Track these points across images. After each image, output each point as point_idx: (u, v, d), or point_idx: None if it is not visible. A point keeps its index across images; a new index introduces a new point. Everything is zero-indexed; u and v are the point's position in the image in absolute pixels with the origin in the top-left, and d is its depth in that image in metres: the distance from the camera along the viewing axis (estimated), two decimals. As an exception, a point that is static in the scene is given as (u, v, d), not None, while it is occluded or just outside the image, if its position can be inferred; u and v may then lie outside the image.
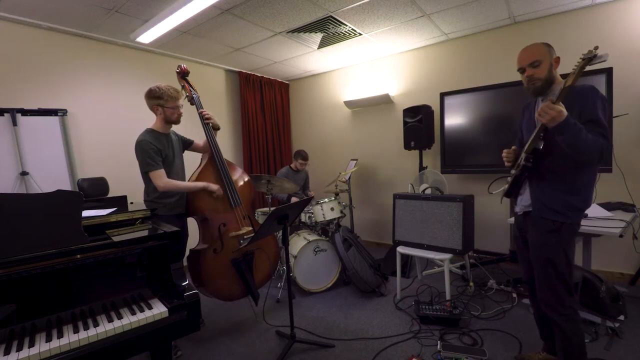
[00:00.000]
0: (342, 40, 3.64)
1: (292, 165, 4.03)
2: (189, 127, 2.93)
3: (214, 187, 2.25)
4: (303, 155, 3.95)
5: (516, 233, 1.88)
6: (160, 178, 2.11)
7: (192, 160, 2.69)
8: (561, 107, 1.36)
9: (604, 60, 1.39)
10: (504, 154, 1.78)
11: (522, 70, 1.61)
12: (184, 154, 2.44)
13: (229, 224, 2.31)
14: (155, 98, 2.14)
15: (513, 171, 1.74)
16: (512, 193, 1.78)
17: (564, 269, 1.57)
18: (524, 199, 1.72)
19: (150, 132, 2.17)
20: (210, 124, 2.39)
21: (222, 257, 2.24)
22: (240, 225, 2.34)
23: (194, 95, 2.37)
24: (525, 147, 1.59)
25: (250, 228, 2.35)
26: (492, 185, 2.34)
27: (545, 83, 1.56)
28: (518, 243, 1.88)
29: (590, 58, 1.36)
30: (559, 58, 1.58)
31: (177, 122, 2.25)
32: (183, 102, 2.27)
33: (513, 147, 1.78)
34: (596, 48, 1.36)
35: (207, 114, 2.38)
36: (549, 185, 1.59)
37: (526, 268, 1.82)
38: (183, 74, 2.40)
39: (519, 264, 1.92)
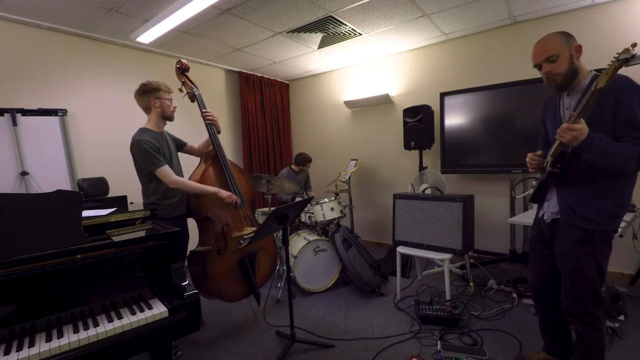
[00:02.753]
0: (342, 40, 3.64)
1: (293, 167, 4.04)
2: (189, 127, 2.93)
3: (225, 193, 2.19)
4: (309, 159, 4.00)
5: (534, 237, 1.74)
6: (169, 175, 2.05)
7: (187, 159, 2.69)
8: (582, 125, 1.24)
9: None
10: (528, 159, 1.60)
11: (538, 66, 1.46)
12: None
13: (232, 224, 2.30)
14: (152, 90, 2.10)
15: (539, 175, 1.59)
16: (538, 198, 1.64)
17: (595, 280, 1.44)
18: (552, 205, 1.56)
19: (145, 130, 2.11)
20: (214, 127, 2.31)
21: (226, 257, 2.23)
22: (243, 225, 2.33)
23: (195, 92, 2.29)
24: (552, 150, 1.43)
25: (254, 228, 2.32)
26: (515, 187, 2.25)
27: (566, 77, 1.40)
28: (533, 248, 1.74)
29: (627, 59, 1.14)
30: (580, 46, 1.40)
31: (172, 117, 2.21)
32: (183, 103, 2.24)
33: (539, 152, 1.60)
34: (634, 45, 1.14)
35: (211, 117, 2.29)
36: (579, 189, 1.43)
37: (536, 274, 1.74)
38: (183, 70, 2.31)
39: (529, 267, 1.81)
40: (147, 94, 2.11)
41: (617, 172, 1.35)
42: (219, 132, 2.36)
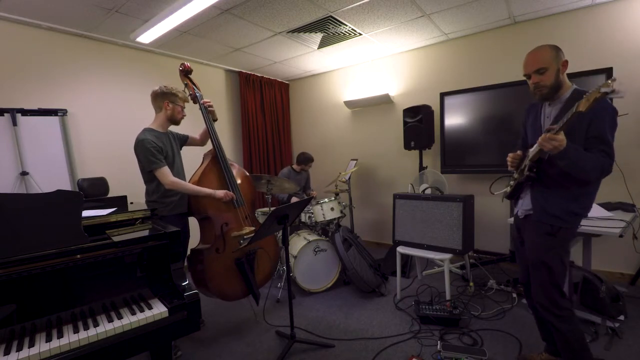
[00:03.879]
0: (342, 40, 3.64)
1: (294, 167, 4.03)
2: (190, 126, 2.93)
3: (220, 193, 2.22)
4: (311, 159, 4.00)
5: (514, 234, 1.88)
6: (167, 176, 2.11)
7: (190, 158, 2.70)
8: (562, 137, 1.37)
9: (622, 97, 1.23)
10: (509, 159, 1.75)
11: (527, 76, 1.60)
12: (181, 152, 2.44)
13: (232, 223, 2.31)
14: (170, 94, 2.20)
15: (516, 175, 1.73)
16: (513, 196, 1.79)
17: (559, 272, 1.58)
18: (525, 203, 1.71)
19: (149, 130, 2.18)
20: (210, 116, 2.40)
21: (224, 256, 2.24)
22: (243, 225, 2.34)
23: (197, 94, 2.37)
24: (531, 155, 1.58)
25: (253, 228, 2.35)
26: (493, 185, 2.33)
27: (551, 89, 1.55)
28: (516, 244, 1.88)
29: (606, 92, 1.24)
30: (566, 62, 1.55)
31: (178, 122, 2.31)
32: (185, 106, 2.31)
33: (519, 152, 1.74)
34: (613, 80, 1.24)
35: (210, 102, 2.40)
36: (551, 192, 1.58)
37: (523, 269, 1.82)
38: (186, 72, 2.39)
39: (517, 264, 1.92)
40: (165, 96, 2.20)
41: (583, 179, 1.49)
42: (215, 120, 2.45)
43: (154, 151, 2.08)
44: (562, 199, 1.56)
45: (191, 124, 3.00)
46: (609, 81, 1.25)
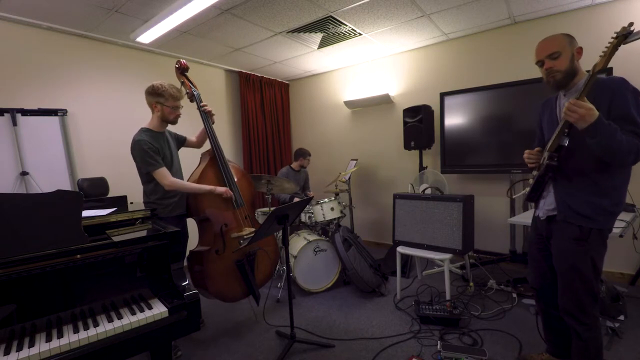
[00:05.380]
0: (342, 40, 3.64)
1: (293, 166, 4.04)
2: (187, 125, 2.93)
3: (221, 189, 2.22)
4: (308, 152, 4.03)
5: (532, 237, 1.76)
6: (166, 177, 2.08)
7: (188, 158, 2.70)
8: (590, 105, 1.25)
9: None
10: (525, 155, 1.63)
11: (540, 62, 1.50)
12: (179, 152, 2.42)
13: (231, 224, 2.30)
14: (155, 95, 2.11)
15: (535, 172, 1.62)
16: (534, 196, 1.67)
17: (591, 278, 1.46)
18: (548, 202, 1.59)
19: (146, 131, 2.14)
20: (208, 117, 2.35)
21: (224, 258, 2.24)
22: (242, 226, 2.34)
23: (194, 92, 2.32)
24: (548, 146, 1.48)
25: (253, 228, 2.33)
26: (511, 189, 2.26)
27: (566, 75, 1.44)
28: (532, 248, 1.77)
29: (625, 35, 1.17)
30: (581, 48, 1.46)
31: (174, 122, 2.23)
32: (182, 103, 2.24)
33: (537, 148, 1.62)
34: (631, 24, 1.16)
35: (207, 107, 2.35)
36: (575, 187, 1.46)
37: (537, 274, 1.75)
38: (182, 70, 2.34)
39: (528, 268, 1.82)
40: (151, 95, 2.14)
41: (616, 163, 1.36)
42: (212, 123, 2.39)
43: (150, 152, 2.04)
44: (589, 194, 1.43)
45: (188, 123, 3.00)
46: (625, 26, 1.17)
